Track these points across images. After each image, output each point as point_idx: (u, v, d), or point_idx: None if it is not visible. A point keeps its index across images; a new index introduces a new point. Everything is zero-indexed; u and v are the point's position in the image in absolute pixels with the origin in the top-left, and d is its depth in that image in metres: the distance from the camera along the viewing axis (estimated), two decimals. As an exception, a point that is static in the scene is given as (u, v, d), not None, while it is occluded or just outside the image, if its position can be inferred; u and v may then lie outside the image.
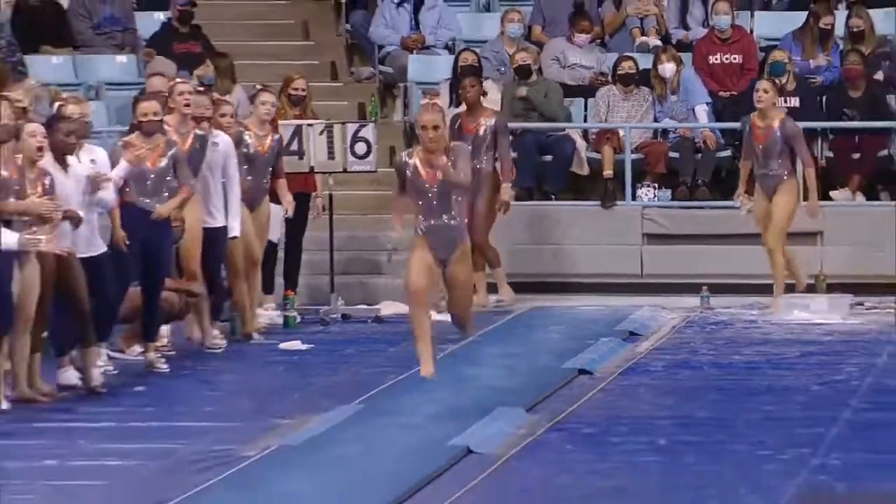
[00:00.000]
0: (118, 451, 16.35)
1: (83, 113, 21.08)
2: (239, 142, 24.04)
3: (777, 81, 27.37)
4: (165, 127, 22.61)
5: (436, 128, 14.57)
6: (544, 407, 18.56)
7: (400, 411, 18.49)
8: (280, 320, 25.44)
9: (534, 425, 17.15)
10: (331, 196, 26.79)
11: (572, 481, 14.49)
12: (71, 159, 19.56)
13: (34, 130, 18.88)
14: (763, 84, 25.97)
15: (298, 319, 25.53)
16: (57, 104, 22.00)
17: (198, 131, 23.15)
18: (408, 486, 14.15)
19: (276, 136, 25.37)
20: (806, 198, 25.30)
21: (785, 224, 24.91)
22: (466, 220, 22.21)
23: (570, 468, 15.03)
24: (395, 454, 16.15)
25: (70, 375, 19.70)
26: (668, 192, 27.71)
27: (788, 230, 25.41)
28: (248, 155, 24.22)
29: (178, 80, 25.51)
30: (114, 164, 21.10)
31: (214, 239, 23.03)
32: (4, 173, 18.62)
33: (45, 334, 20.16)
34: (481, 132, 26.00)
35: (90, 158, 20.15)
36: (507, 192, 26.03)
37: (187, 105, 23.12)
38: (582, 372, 20.59)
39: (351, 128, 27.52)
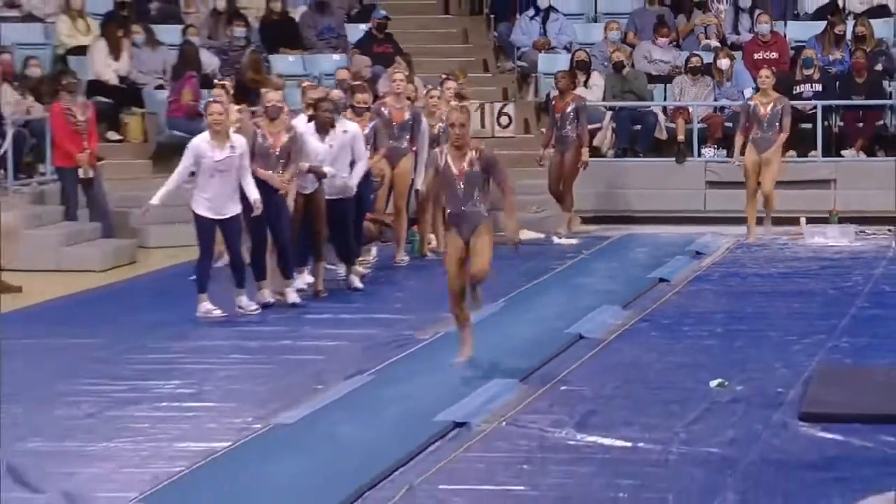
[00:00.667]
0: (332, 335, 20.28)
1: (332, 97, 24.51)
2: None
3: (801, 71, 31.66)
4: (383, 107, 26.46)
5: (462, 126, 14.75)
6: (636, 304, 21.77)
7: (531, 308, 22.17)
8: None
9: (628, 318, 20.68)
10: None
11: (655, 358, 18.07)
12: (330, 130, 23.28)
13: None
14: (764, 71, 29.09)
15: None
16: (304, 90, 25.20)
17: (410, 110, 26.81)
18: (540, 359, 17.99)
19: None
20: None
21: (777, 174, 28.14)
22: (556, 174, 29.37)
23: (653, 349, 18.65)
24: (528, 338, 19.67)
25: (265, 294, 22.74)
26: (724, 151, 30.58)
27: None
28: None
29: (395, 70, 28.50)
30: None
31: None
32: (270, 141, 22.33)
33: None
34: (568, 110, 28.90)
35: (342, 129, 23.28)
36: (585, 154, 28.94)
37: (398, 89, 26.62)
38: (661, 280, 23.84)
39: (497, 106, 33.30)
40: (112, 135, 30.38)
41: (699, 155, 31.35)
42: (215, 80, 28.82)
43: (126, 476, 13.47)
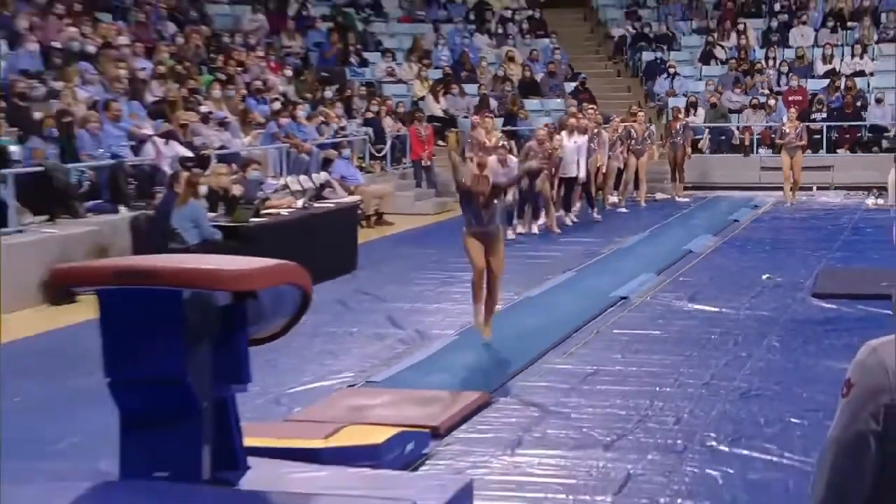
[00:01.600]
0: (558, 249, 23.06)
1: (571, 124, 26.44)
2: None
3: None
4: (601, 127, 28.54)
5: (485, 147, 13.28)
6: (721, 233, 24.80)
7: (662, 235, 24.93)
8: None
9: (716, 241, 23.83)
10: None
11: (733, 262, 21.17)
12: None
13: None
14: (792, 110, 32.66)
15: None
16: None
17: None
18: (668, 262, 20.88)
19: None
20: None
21: (800, 164, 30.78)
22: (672, 163, 31.51)
23: (732, 258, 21.67)
24: (661, 251, 22.63)
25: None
26: (770, 151, 32.91)
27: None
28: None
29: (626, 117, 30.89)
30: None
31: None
32: (541, 144, 24.20)
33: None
34: (678, 126, 31.23)
35: (574, 140, 25.28)
36: (688, 151, 31.83)
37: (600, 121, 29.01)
38: (734, 221, 27.20)
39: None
40: (440, 143, 31.24)
41: (756, 153, 34.41)
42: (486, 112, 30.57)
43: (450, 322, 16.11)
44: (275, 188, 21.98)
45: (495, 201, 13.77)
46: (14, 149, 19.67)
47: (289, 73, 33.50)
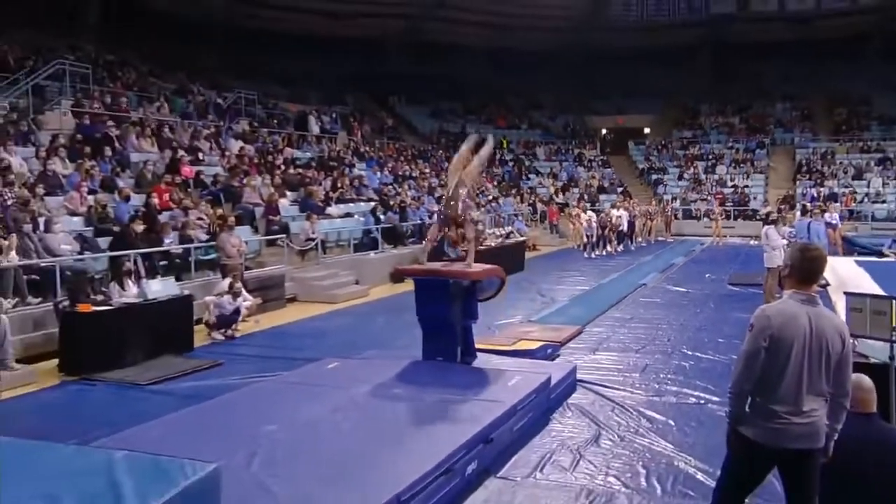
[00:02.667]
0: (622, 260, 21.98)
1: None
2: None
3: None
4: None
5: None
6: (688, 255, 22.72)
7: (662, 257, 23.06)
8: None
9: (686, 259, 21.85)
10: None
11: (694, 268, 19.53)
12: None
13: None
14: (717, 201, 30.66)
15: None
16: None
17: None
18: (665, 264, 19.88)
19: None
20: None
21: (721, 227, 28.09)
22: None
23: (693, 266, 19.80)
24: (660, 263, 21.30)
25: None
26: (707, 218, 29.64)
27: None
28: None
29: None
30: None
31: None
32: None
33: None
34: None
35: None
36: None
37: None
38: (693, 250, 24.07)
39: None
40: (561, 214, 29.92)
41: (700, 219, 30.28)
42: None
43: (565, 293, 16.59)
44: (489, 233, 21.39)
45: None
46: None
47: (495, 184, 32.65)
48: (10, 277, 10.10)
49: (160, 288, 10.54)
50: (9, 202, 11.85)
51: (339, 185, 21.06)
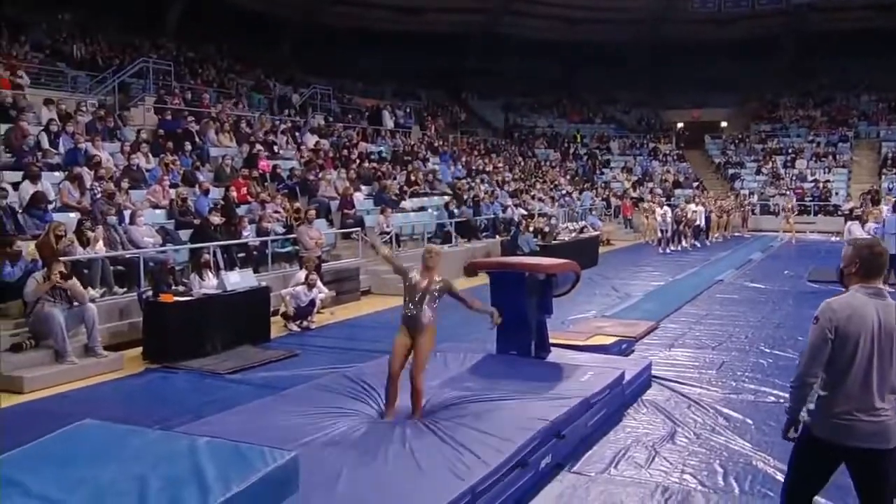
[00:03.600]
0: (699, 255, 21.21)
1: None
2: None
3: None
4: None
5: (437, 254, 6.70)
6: (766, 251, 21.99)
7: (738, 253, 22.31)
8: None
9: (763, 255, 21.09)
10: None
11: (771, 264, 19.22)
12: None
13: None
14: (790, 196, 29.26)
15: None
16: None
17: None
18: (737, 265, 19.75)
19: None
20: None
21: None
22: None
23: (771, 263, 19.43)
24: (738, 258, 20.94)
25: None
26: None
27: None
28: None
29: None
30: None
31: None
32: None
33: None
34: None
35: None
36: None
37: None
38: (771, 245, 23.52)
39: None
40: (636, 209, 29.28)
41: (777, 215, 28.75)
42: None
43: (640, 289, 16.17)
44: (562, 228, 21.32)
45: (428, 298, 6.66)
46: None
47: (568, 178, 32.63)
48: (97, 268, 10.43)
49: (238, 279, 10.72)
50: (98, 196, 12.28)
51: (412, 179, 21.14)
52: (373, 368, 7.85)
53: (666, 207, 23.98)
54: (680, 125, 40.28)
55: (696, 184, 33.68)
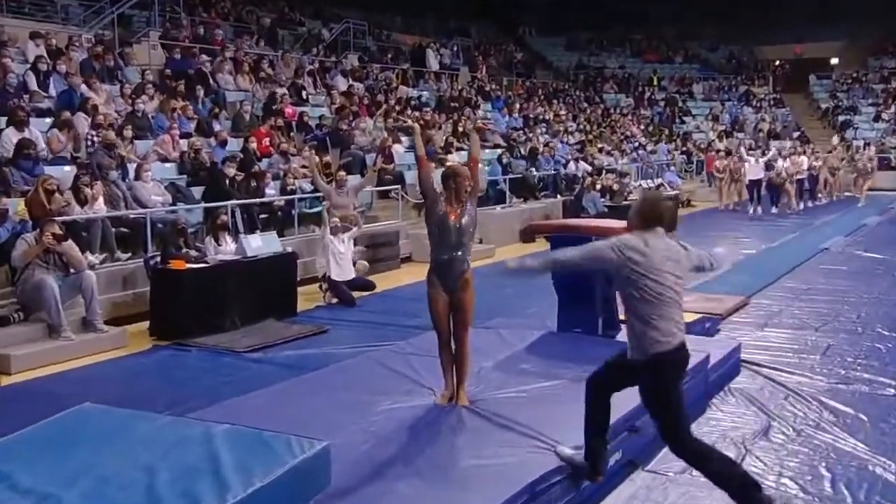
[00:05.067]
0: (801, 219, 21.12)
1: None
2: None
3: None
4: None
5: (464, 177, 6.20)
6: (885, 213, 21.97)
7: (847, 216, 22.24)
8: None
9: (880, 218, 21.10)
10: None
11: (887, 230, 18.96)
12: None
13: None
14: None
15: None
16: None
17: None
18: (847, 231, 19.46)
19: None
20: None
21: None
22: None
23: (888, 228, 19.36)
24: (848, 221, 21.02)
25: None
26: None
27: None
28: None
29: None
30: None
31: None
32: None
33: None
34: None
35: None
36: None
37: None
38: (892, 208, 23.21)
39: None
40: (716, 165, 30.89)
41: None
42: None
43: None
44: (635, 186, 21.62)
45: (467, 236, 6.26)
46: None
47: (642, 128, 32.80)
48: (97, 230, 10.38)
49: (260, 244, 10.76)
50: (96, 146, 12.21)
51: (461, 128, 21.23)
52: (412, 347, 7.88)
53: (760, 162, 23.41)
54: (778, 63, 40.06)
55: (796, 134, 33.58)
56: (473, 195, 6.31)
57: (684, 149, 31.08)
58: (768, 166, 22.71)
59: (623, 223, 8.88)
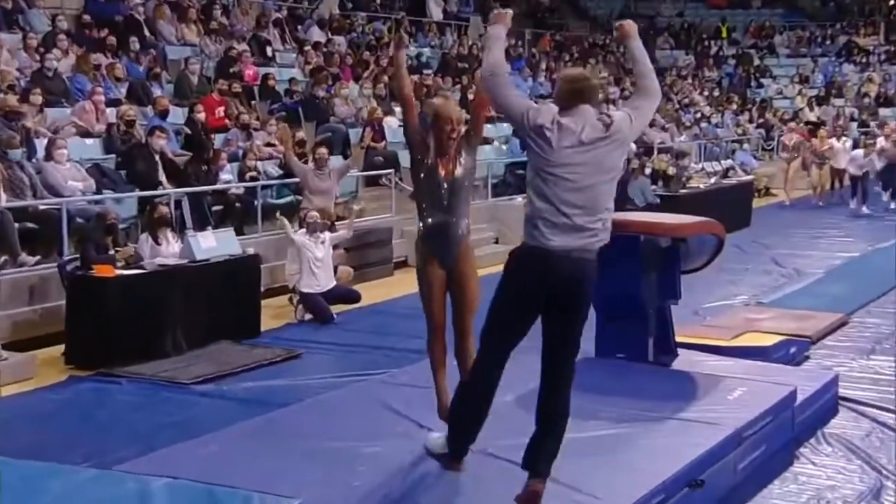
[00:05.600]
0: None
1: None
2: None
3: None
4: None
5: (458, 121, 6.09)
6: None
7: None
8: None
9: None
10: None
11: None
12: None
13: None
14: None
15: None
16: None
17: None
18: None
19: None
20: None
21: None
22: None
23: None
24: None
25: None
26: None
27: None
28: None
29: None
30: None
31: None
32: None
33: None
34: None
35: None
36: None
37: None
38: None
39: None
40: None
41: None
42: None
43: (819, 263, 16.27)
44: (695, 170, 21.42)
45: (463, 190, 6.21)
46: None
47: (706, 94, 32.81)
48: (-7, 226, 10.27)
49: (213, 245, 10.66)
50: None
51: (471, 97, 21.12)
52: (407, 377, 7.85)
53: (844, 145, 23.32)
54: (893, 3, 39.40)
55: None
56: (471, 144, 6.26)
57: (761, 121, 30.83)
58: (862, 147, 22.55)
59: (682, 218, 9.03)
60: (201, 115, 14.58)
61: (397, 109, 18.19)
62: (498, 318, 5.48)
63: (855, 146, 23.20)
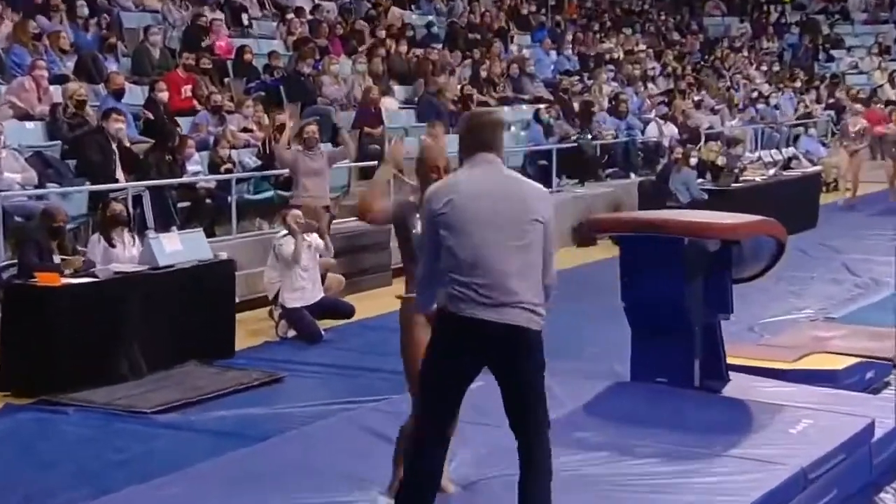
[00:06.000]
0: None
1: None
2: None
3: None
4: None
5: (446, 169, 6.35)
6: None
7: None
8: None
9: None
10: None
11: None
12: None
13: None
14: None
15: None
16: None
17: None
18: None
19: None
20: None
21: None
22: None
23: None
24: None
25: None
26: None
27: None
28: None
29: None
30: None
31: None
32: None
33: None
34: None
35: None
36: None
37: None
38: None
39: None
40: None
41: None
42: None
43: None
44: (751, 160, 21.49)
45: None
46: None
47: (764, 68, 32.45)
48: None
49: (179, 248, 10.60)
50: None
51: (484, 74, 21.09)
52: (406, 404, 7.61)
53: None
54: None
55: None
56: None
57: (831, 101, 30.49)
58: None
59: (734, 217, 9.00)
60: (164, 95, 14.47)
61: (396, 89, 18.49)
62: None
63: None
